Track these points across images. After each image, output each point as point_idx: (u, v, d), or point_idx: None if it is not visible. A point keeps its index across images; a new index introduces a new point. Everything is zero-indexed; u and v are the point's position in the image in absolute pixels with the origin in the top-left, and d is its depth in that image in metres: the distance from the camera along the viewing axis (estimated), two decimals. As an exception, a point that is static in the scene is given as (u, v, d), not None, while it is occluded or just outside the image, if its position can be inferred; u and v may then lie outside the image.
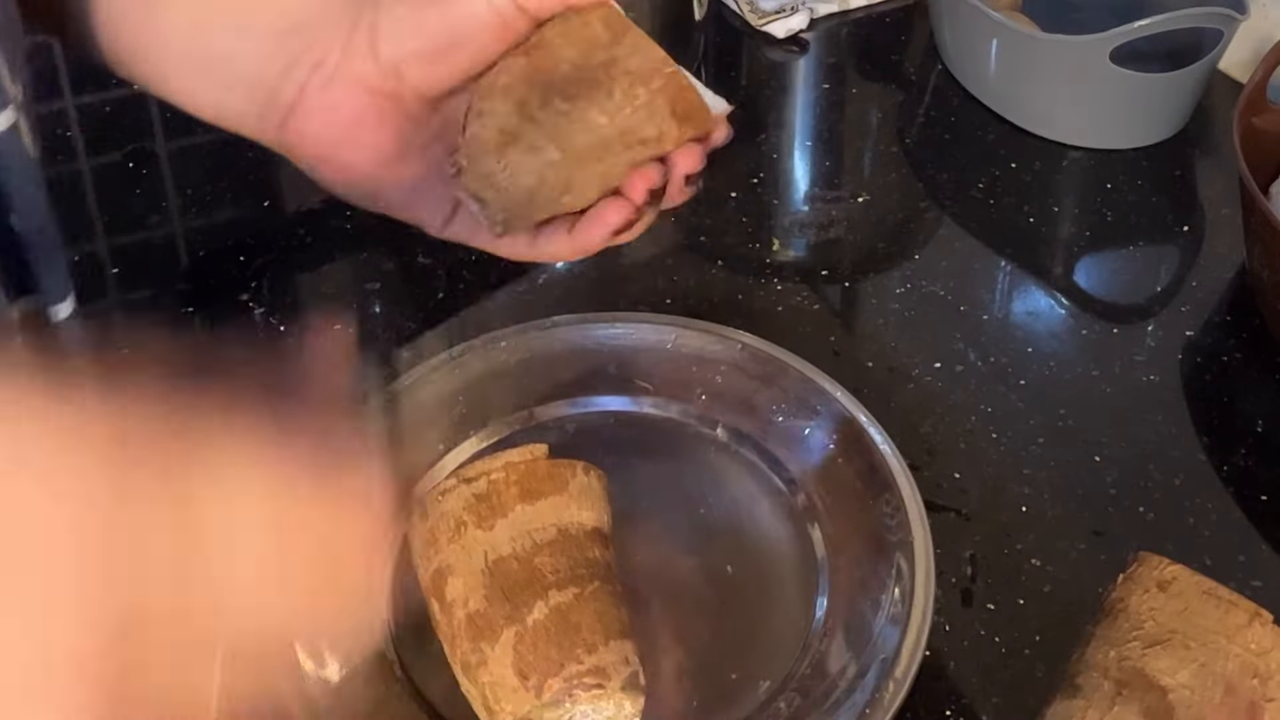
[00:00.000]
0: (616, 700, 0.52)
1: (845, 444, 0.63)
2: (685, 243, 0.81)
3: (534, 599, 0.53)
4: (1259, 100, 0.75)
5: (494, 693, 0.52)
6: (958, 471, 0.66)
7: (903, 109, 0.94)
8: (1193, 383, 0.72)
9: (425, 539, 0.56)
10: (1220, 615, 0.51)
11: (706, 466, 0.66)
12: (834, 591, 0.59)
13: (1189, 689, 0.49)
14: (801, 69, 0.97)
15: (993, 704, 0.56)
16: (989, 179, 0.86)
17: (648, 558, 0.62)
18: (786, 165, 0.89)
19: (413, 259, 0.78)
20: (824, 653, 0.57)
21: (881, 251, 0.82)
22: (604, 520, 0.58)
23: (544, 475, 0.57)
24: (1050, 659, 0.56)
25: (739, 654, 0.58)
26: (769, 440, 0.66)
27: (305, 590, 0.36)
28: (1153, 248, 0.81)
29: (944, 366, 0.72)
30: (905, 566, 0.57)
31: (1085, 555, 0.62)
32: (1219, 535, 0.63)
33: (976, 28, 0.89)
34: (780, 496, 0.64)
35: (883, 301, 0.77)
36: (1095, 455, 0.67)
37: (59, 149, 0.88)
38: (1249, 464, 0.67)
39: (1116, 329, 0.75)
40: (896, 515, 0.60)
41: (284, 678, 0.55)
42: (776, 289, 0.77)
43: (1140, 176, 0.85)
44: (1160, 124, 0.87)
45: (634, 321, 0.69)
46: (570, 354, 0.68)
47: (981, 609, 0.60)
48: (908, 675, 0.54)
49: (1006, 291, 0.79)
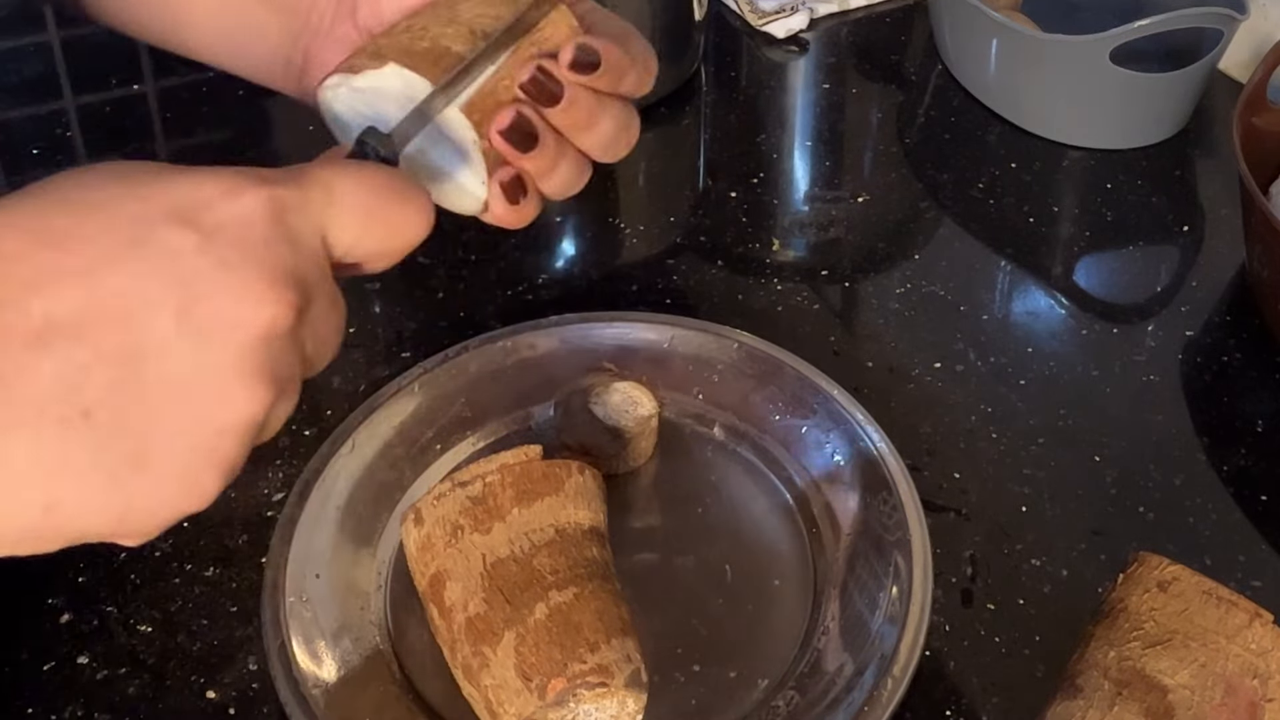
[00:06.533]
0: (620, 698, 0.52)
1: (843, 443, 0.63)
2: (685, 243, 0.81)
3: (534, 600, 0.53)
4: (1259, 100, 0.74)
5: (497, 695, 0.51)
6: (957, 471, 0.66)
7: (903, 109, 0.94)
8: (1193, 383, 0.72)
9: (421, 544, 0.56)
10: (1220, 615, 0.51)
11: (704, 466, 0.66)
12: (832, 590, 0.59)
13: (1189, 689, 0.49)
14: (801, 69, 0.97)
15: (993, 704, 0.56)
16: (989, 179, 0.86)
17: (646, 557, 0.62)
18: (786, 165, 0.89)
19: (412, 259, 0.78)
20: (822, 651, 0.57)
21: (881, 251, 0.82)
22: (600, 519, 0.58)
23: (539, 476, 0.57)
24: (1050, 659, 0.56)
25: (737, 652, 0.58)
26: (767, 439, 0.66)
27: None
28: (1153, 248, 0.81)
29: (944, 366, 0.72)
30: (903, 565, 0.57)
31: (1085, 555, 0.62)
32: (1219, 535, 0.63)
33: (976, 28, 0.89)
34: (778, 496, 0.64)
35: (883, 301, 0.77)
36: (1095, 455, 0.67)
37: (59, 149, 0.88)
38: (1249, 464, 0.67)
39: (1116, 329, 0.75)
40: (894, 514, 0.60)
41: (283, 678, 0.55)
42: (776, 289, 0.77)
43: (1140, 176, 0.85)
44: (1160, 124, 0.87)
45: (632, 321, 0.69)
46: (569, 354, 0.68)
47: (981, 609, 0.60)
48: (906, 674, 0.54)
49: (1006, 291, 0.79)
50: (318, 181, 0.39)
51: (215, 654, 0.58)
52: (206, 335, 0.35)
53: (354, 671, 0.56)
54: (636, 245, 0.82)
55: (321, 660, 0.56)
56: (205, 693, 0.57)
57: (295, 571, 0.58)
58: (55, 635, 0.59)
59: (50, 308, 0.34)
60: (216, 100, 0.91)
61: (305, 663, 0.55)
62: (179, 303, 0.35)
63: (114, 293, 0.35)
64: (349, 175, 0.40)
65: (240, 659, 0.58)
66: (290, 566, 0.58)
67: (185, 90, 0.92)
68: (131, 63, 0.94)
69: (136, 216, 0.36)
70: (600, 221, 0.83)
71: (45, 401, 0.34)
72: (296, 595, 0.57)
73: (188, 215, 0.36)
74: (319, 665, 0.55)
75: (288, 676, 0.55)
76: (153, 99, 0.92)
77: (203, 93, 0.92)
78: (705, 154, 0.90)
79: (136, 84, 0.93)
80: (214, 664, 0.58)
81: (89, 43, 0.96)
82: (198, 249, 0.36)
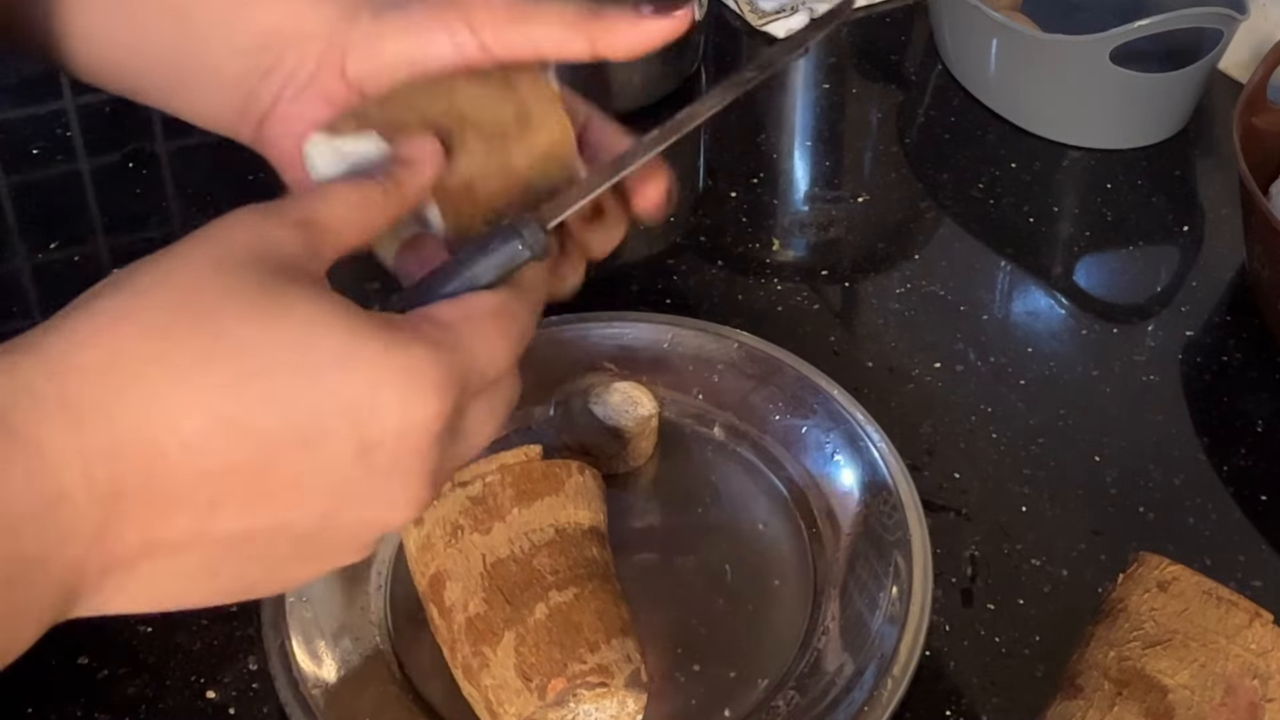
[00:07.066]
0: (620, 698, 0.52)
1: (843, 443, 0.63)
2: (685, 242, 0.81)
3: (534, 600, 0.53)
4: (1259, 100, 0.74)
5: (497, 695, 0.51)
6: (957, 471, 0.66)
7: (903, 109, 0.94)
8: (1193, 383, 0.72)
9: (421, 544, 0.56)
10: (1220, 615, 0.51)
11: (704, 466, 0.66)
12: (832, 590, 0.59)
13: (1189, 689, 0.49)
14: (801, 69, 0.97)
15: (993, 704, 0.56)
16: (989, 179, 0.85)
17: (646, 557, 0.62)
18: (786, 165, 0.89)
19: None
20: (822, 651, 0.57)
21: (881, 251, 0.82)
22: (600, 519, 0.58)
23: (539, 476, 0.57)
24: (1050, 659, 0.56)
25: (737, 652, 0.58)
26: (767, 439, 0.66)
27: None
28: (1153, 248, 0.81)
29: (944, 366, 0.72)
30: (903, 565, 0.58)
31: (1085, 555, 0.62)
32: (1219, 535, 0.63)
33: (976, 28, 0.89)
34: (778, 495, 0.64)
35: (883, 301, 0.77)
36: (1095, 455, 0.67)
37: (59, 149, 0.88)
38: (1249, 464, 0.67)
39: (1116, 329, 0.75)
40: (894, 514, 0.60)
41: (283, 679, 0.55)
42: (776, 289, 0.77)
43: (1140, 176, 0.85)
44: (1160, 124, 0.87)
45: (631, 321, 0.69)
46: (569, 354, 0.68)
47: (981, 609, 0.60)
48: (905, 673, 0.54)
49: (1006, 291, 0.79)
50: (484, 376, 0.40)
51: (215, 654, 0.58)
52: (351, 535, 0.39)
53: (354, 671, 0.56)
54: (636, 245, 0.82)
55: (321, 660, 0.56)
56: (205, 693, 0.57)
57: (295, 571, 0.58)
58: (55, 635, 0.59)
59: (226, 513, 0.36)
60: (216, 100, 0.91)
61: (305, 663, 0.55)
62: (327, 508, 0.37)
63: (280, 487, 0.37)
64: (506, 356, 0.41)
65: (240, 659, 0.58)
66: (290, 566, 0.58)
67: (185, 90, 0.92)
68: (131, 63, 0.94)
69: (312, 410, 0.36)
70: (600, 221, 0.83)
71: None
72: (296, 595, 0.57)
73: (357, 421, 0.37)
74: (319, 665, 0.55)
75: (288, 676, 0.55)
76: (153, 99, 0.92)
77: (203, 93, 0.92)
78: (705, 154, 0.90)
79: (136, 84, 0.93)
80: (214, 664, 0.58)
81: (89, 43, 0.96)
82: (354, 460, 0.37)
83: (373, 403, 0.37)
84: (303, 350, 0.36)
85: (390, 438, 0.37)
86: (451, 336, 0.39)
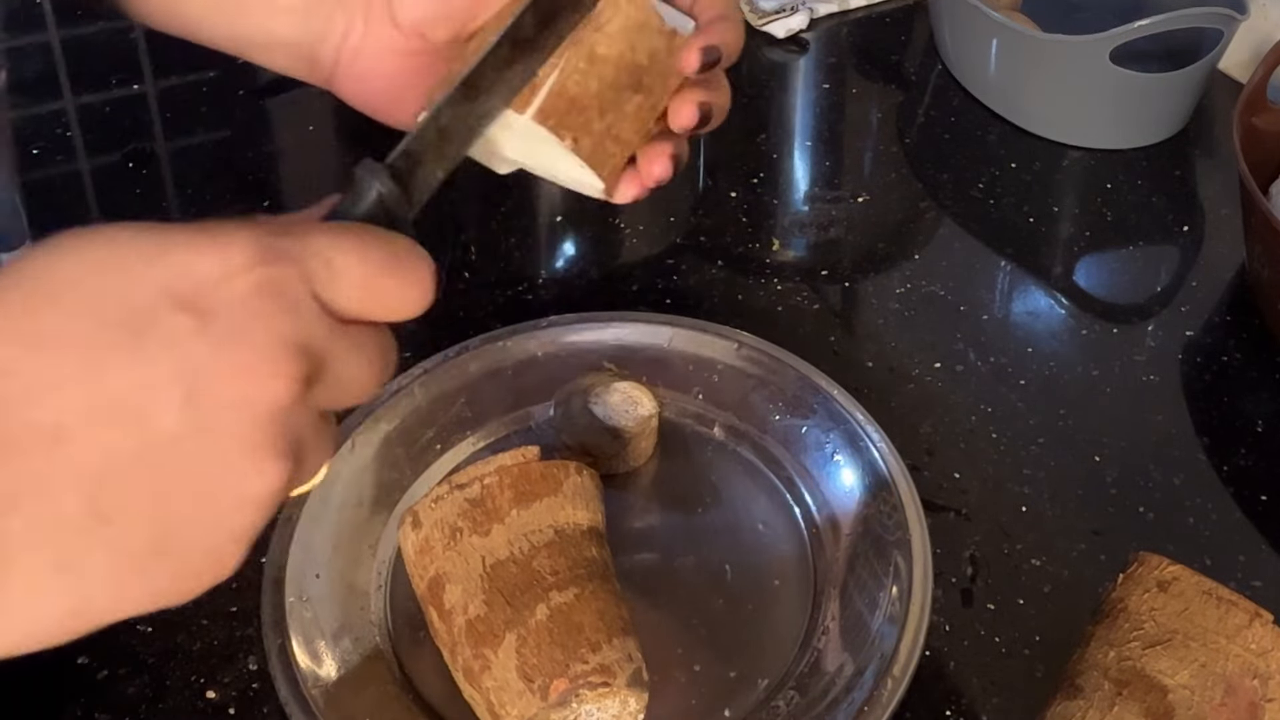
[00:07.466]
0: (622, 698, 0.52)
1: (843, 443, 0.63)
2: (685, 243, 0.81)
3: (535, 601, 0.53)
4: (1259, 100, 0.74)
5: (499, 697, 0.51)
6: (957, 471, 0.66)
7: (903, 109, 0.94)
8: (1193, 383, 0.71)
9: (420, 547, 0.56)
10: (1220, 615, 0.51)
11: (704, 466, 0.66)
12: (832, 590, 0.59)
13: (1189, 689, 0.49)
14: (801, 69, 0.97)
15: (993, 704, 0.56)
16: (989, 179, 0.85)
17: (646, 557, 0.62)
18: (786, 165, 0.89)
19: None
20: (822, 651, 0.57)
21: (881, 251, 0.82)
22: (599, 519, 0.58)
23: (537, 477, 0.57)
24: (1050, 659, 0.56)
25: (737, 652, 0.58)
26: (767, 439, 0.66)
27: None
28: (1153, 248, 0.81)
29: (944, 366, 0.72)
30: (903, 565, 0.58)
31: (1085, 555, 0.62)
32: (1219, 535, 0.63)
33: (976, 28, 0.89)
34: (778, 495, 0.64)
35: (883, 301, 0.77)
36: (1095, 455, 0.67)
37: (59, 149, 0.88)
38: (1249, 464, 0.67)
39: (1116, 329, 0.75)
40: (894, 514, 0.60)
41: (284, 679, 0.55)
42: (776, 289, 0.77)
43: (1140, 176, 0.85)
44: (1160, 124, 0.87)
45: (631, 321, 0.69)
46: (569, 354, 0.68)
47: (981, 609, 0.60)
48: (905, 673, 0.54)
49: (1006, 291, 0.79)
50: (318, 255, 0.37)
51: (215, 654, 0.58)
52: (213, 419, 0.35)
53: (354, 671, 0.56)
54: (636, 245, 0.82)
55: (321, 660, 0.56)
56: (205, 693, 0.57)
57: (295, 571, 0.58)
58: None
59: (55, 418, 0.34)
60: (216, 100, 0.91)
61: (305, 663, 0.55)
62: (183, 392, 0.34)
63: (118, 392, 0.34)
64: (350, 249, 0.38)
65: (240, 659, 0.58)
66: (290, 566, 0.58)
67: (185, 90, 0.92)
68: (131, 63, 0.94)
69: (130, 305, 0.34)
70: (600, 221, 0.83)
71: (62, 513, 0.34)
72: (296, 595, 0.57)
73: (182, 298, 0.35)
74: (319, 665, 0.55)
75: (288, 676, 0.55)
76: (153, 99, 0.92)
77: (202, 93, 0.92)
78: (705, 154, 0.90)
79: (136, 84, 0.93)
80: (214, 664, 0.58)
81: (89, 42, 0.96)
82: (195, 333, 0.35)
83: (191, 276, 0.35)
84: (120, 257, 0.35)
85: (226, 304, 0.35)
86: (277, 224, 0.38)
